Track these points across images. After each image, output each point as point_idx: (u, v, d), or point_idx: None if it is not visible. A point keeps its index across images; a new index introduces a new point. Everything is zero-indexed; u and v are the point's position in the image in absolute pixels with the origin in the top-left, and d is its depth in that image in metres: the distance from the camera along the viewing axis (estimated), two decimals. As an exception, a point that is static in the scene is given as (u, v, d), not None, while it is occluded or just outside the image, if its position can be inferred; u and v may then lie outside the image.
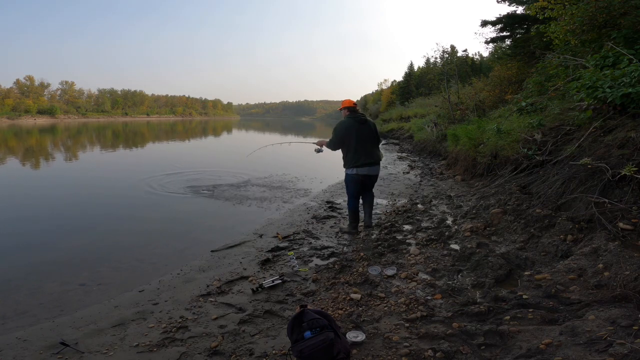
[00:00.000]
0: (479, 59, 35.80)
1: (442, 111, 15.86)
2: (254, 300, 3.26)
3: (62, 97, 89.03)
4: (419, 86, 43.20)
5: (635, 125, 4.24)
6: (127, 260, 4.41)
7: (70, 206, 7.00)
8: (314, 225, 5.41)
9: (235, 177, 9.60)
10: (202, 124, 64.43)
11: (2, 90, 73.30)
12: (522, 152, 5.85)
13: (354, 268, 3.80)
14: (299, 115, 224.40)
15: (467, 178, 7.97)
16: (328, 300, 3.20)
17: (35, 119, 69.47)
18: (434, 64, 32.12)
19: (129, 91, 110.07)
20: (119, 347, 2.64)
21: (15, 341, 2.76)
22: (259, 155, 6.87)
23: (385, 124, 31.98)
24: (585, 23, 6.65)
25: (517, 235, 4.09)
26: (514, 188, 5.12)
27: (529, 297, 2.84)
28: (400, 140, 20.45)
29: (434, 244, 4.34)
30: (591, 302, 2.60)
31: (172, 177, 9.62)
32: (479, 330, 2.50)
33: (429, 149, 13.86)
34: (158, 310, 3.16)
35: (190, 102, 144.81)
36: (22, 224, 5.81)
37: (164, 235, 5.31)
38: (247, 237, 4.98)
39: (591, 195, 3.85)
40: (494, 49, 21.18)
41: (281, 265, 4.04)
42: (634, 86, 4.35)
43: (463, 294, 3.11)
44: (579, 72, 5.94)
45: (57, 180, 9.58)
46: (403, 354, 2.38)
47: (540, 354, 2.16)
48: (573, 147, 4.80)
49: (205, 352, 2.56)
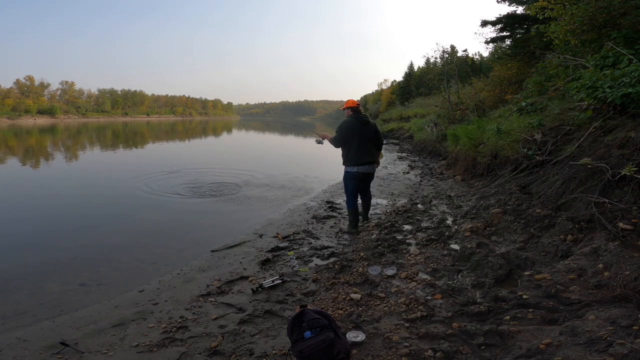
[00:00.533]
0: (479, 59, 35.80)
1: (442, 111, 15.85)
2: (254, 300, 3.26)
3: (62, 97, 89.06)
4: (419, 86, 43.21)
5: (635, 125, 4.24)
6: (127, 260, 4.41)
7: (70, 206, 7.00)
8: (314, 225, 5.41)
9: (235, 177, 9.60)
10: (202, 124, 64.45)
11: (2, 90, 73.30)
12: (522, 152, 5.85)
13: (354, 268, 3.80)
14: (299, 115, 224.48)
15: (467, 178, 7.97)
16: (328, 300, 3.20)
17: (35, 119, 69.48)
18: (434, 64, 32.13)
19: (129, 91, 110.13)
20: (119, 347, 2.64)
21: (15, 341, 2.76)
22: (259, 155, 6.89)
23: (385, 124, 31.97)
24: (585, 23, 6.65)
25: (517, 235, 4.09)
26: (514, 188, 5.12)
27: (529, 297, 2.84)
28: (400, 140, 20.44)
29: (434, 244, 4.34)
30: (591, 302, 2.60)
31: (172, 177, 9.62)
32: (479, 330, 2.50)
33: (429, 149, 13.86)
34: (158, 310, 3.16)
35: (190, 102, 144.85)
36: (22, 224, 5.81)
37: (164, 235, 5.31)
38: (247, 237, 4.98)
39: (591, 195, 3.85)
40: (494, 49, 21.19)
41: (281, 265, 4.04)
42: (634, 86, 4.35)
43: (463, 294, 3.11)
44: (579, 72, 5.94)
45: (57, 180, 9.58)
46: (403, 354, 2.38)
47: (540, 354, 2.16)
48: (573, 147, 4.80)
49: (205, 352, 2.56)
